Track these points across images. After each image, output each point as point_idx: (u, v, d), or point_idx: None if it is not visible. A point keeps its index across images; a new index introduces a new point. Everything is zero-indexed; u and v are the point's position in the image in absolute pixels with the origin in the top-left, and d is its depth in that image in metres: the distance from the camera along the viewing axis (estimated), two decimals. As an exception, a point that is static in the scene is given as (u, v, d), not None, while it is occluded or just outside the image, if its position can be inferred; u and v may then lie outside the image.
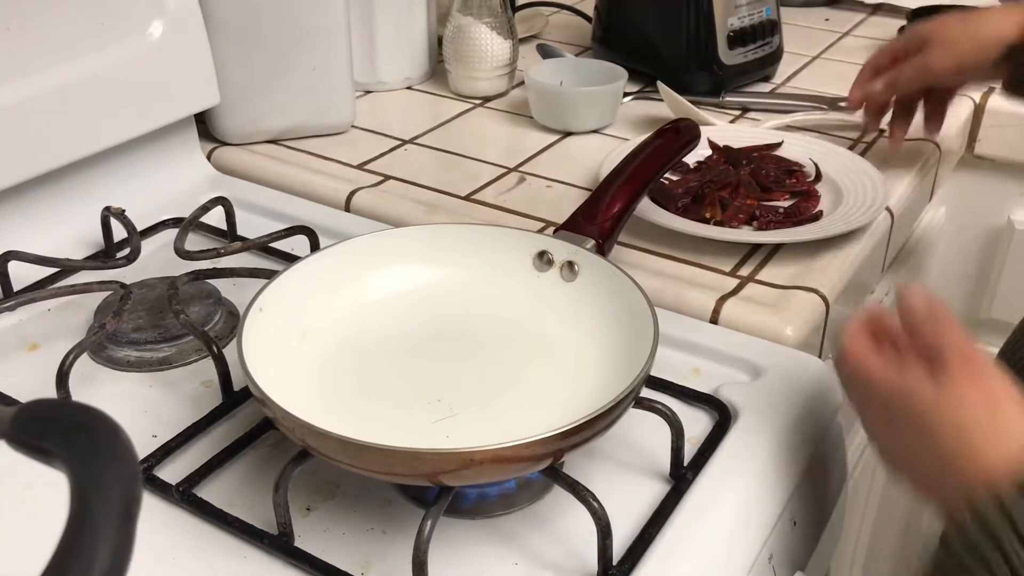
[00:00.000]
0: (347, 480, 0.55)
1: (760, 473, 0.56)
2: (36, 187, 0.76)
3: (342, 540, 0.52)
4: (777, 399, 0.61)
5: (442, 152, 0.94)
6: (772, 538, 0.55)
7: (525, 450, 0.46)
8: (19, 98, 0.72)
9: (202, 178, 0.88)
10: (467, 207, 0.84)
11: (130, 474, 0.26)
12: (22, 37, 0.72)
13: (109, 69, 0.77)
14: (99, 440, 0.26)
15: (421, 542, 0.46)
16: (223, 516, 0.52)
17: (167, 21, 0.81)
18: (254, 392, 0.50)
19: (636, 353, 0.54)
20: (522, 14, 1.24)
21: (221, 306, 0.69)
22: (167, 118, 0.83)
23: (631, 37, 1.07)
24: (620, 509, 0.52)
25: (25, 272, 0.71)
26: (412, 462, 0.46)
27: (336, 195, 0.85)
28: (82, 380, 0.62)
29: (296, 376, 0.56)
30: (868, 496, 1.06)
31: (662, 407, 0.55)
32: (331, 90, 0.93)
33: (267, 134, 0.94)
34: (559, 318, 0.62)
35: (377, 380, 0.58)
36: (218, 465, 0.56)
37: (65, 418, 0.27)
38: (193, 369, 0.64)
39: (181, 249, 0.70)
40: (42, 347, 0.67)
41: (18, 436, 0.27)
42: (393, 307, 0.62)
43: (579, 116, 0.96)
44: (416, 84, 1.09)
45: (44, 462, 0.27)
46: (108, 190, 0.81)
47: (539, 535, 0.52)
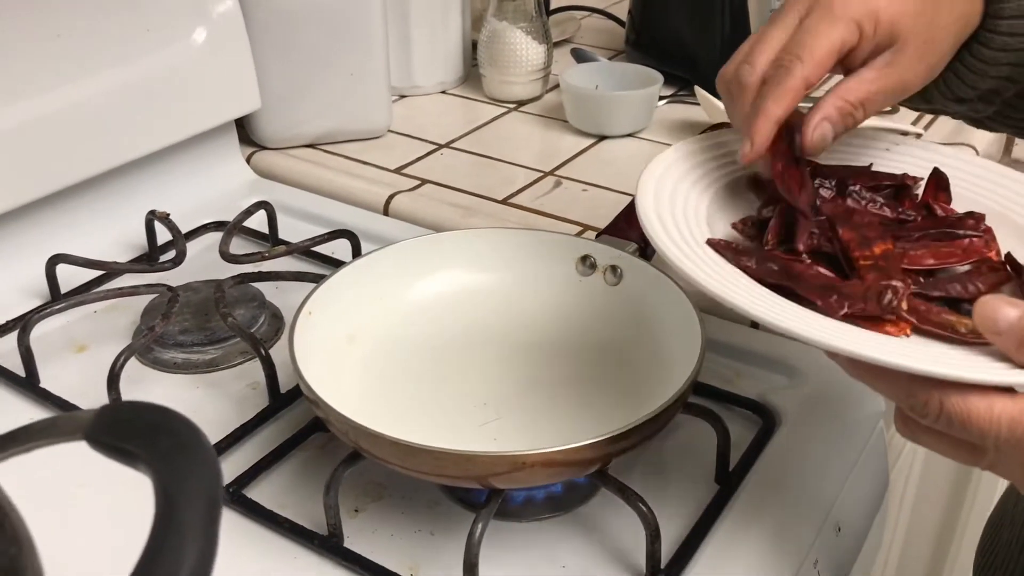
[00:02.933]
0: (394, 482, 0.55)
1: (805, 478, 0.56)
2: (82, 191, 0.77)
3: (391, 541, 0.52)
4: (821, 404, 0.61)
5: (478, 156, 0.95)
6: (817, 543, 0.55)
7: (575, 454, 0.47)
8: (67, 104, 0.73)
9: (242, 182, 0.89)
10: (504, 211, 0.84)
11: (213, 476, 0.26)
12: (71, 44, 0.73)
13: (154, 75, 0.78)
14: (182, 442, 0.27)
15: (472, 543, 0.47)
16: (274, 517, 0.53)
17: (210, 28, 0.82)
18: (306, 393, 0.51)
19: (681, 358, 0.54)
20: (555, 18, 1.24)
21: (265, 309, 0.69)
22: (210, 123, 0.84)
23: (665, 41, 1.08)
24: (666, 513, 0.53)
25: (73, 275, 0.72)
26: (464, 464, 0.47)
27: (375, 199, 0.86)
28: (130, 382, 0.63)
29: (344, 378, 0.57)
30: (901, 503, 1.06)
31: (710, 412, 0.55)
32: (368, 95, 0.94)
33: (305, 138, 0.94)
34: (603, 323, 0.62)
35: (423, 383, 0.59)
36: (267, 467, 0.56)
37: (146, 420, 0.28)
38: (239, 371, 0.65)
39: (226, 252, 0.71)
40: (89, 348, 0.68)
41: (100, 438, 0.28)
42: (438, 311, 0.63)
43: (614, 120, 0.96)
44: (451, 88, 1.09)
45: (126, 463, 0.28)
46: (151, 194, 0.82)
47: (586, 538, 0.53)
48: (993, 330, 0.38)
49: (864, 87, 0.48)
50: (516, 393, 0.58)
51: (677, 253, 0.44)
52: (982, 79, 0.51)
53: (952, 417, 0.38)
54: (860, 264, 0.45)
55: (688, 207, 0.49)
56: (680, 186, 0.50)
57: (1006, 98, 0.52)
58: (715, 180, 0.53)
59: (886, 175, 0.53)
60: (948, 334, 0.42)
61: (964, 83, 0.51)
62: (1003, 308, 0.38)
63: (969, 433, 0.38)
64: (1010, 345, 0.38)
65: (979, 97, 0.52)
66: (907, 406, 0.39)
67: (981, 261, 0.47)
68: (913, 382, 0.38)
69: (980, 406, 0.37)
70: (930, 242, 0.48)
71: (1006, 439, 0.37)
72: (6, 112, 0.70)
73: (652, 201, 0.47)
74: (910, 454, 0.96)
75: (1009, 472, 0.40)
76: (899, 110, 0.99)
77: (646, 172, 0.50)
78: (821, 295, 0.43)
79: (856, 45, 0.47)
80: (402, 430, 0.48)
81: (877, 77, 0.48)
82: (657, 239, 0.44)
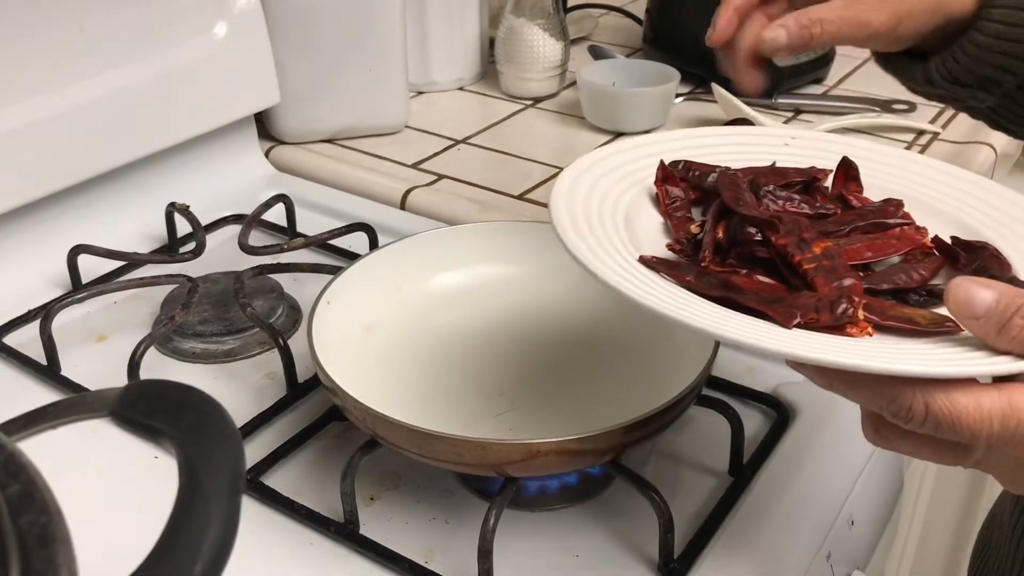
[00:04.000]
0: (409, 470, 0.56)
1: (818, 472, 0.57)
2: (104, 183, 0.78)
3: (406, 529, 0.53)
4: (835, 399, 0.61)
5: (494, 152, 0.95)
6: (830, 536, 0.55)
7: (590, 443, 0.47)
8: (89, 97, 0.74)
9: (261, 176, 0.90)
10: (520, 206, 0.85)
11: (236, 450, 0.27)
12: (93, 37, 0.74)
13: (175, 69, 0.79)
14: (204, 418, 0.28)
15: (487, 531, 0.47)
16: (291, 504, 0.53)
17: (231, 22, 0.82)
18: (324, 382, 0.51)
19: (696, 350, 0.54)
20: (572, 15, 1.25)
21: (283, 300, 0.70)
22: (230, 117, 0.85)
23: (682, 38, 1.08)
24: (680, 504, 0.53)
25: (94, 265, 0.73)
26: (480, 452, 0.47)
27: (392, 193, 0.87)
28: (149, 371, 0.64)
29: (361, 368, 0.57)
30: (917, 498, 1.06)
31: (724, 405, 0.55)
32: (386, 91, 0.94)
33: (323, 133, 0.95)
34: (616, 316, 0.62)
35: (438, 373, 0.59)
36: (284, 455, 0.57)
37: (170, 397, 0.29)
38: (257, 361, 0.66)
39: (245, 244, 0.72)
40: (110, 338, 0.69)
41: (126, 414, 0.29)
42: (453, 303, 0.64)
43: (631, 117, 0.96)
44: (468, 85, 1.10)
45: (150, 439, 0.29)
46: (171, 186, 0.83)
47: (599, 528, 0.53)
48: (970, 315, 0.36)
49: (823, 10, 0.49)
50: (531, 383, 0.58)
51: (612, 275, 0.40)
52: (978, 64, 0.51)
53: (940, 419, 0.35)
54: (804, 269, 0.43)
55: (606, 224, 0.46)
56: (591, 202, 0.47)
57: (1007, 90, 0.52)
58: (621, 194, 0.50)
59: (794, 171, 0.52)
60: (909, 327, 0.39)
61: (960, 65, 0.51)
62: (978, 291, 0.35)
63: (958, 434, 0.35)
64: (990, 330, 0.35)
65: (978, 84, 0.52)
66: (889, 413, 0.36)
67: (915, 249, 0.46)
68: (892, 385, 0.35)
69: (968, 404, 0.35)
70: (861, 235, 0.47)
71: (999, 435, 0.35)
72: (30, 105, 0.71)
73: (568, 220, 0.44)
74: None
75: (1000, 469, 0.38)
76: (916, 108, 0.99)
77: (553, 194, 0.47)
78: (770, 307, 0.40)
79: None
80: (418, 419, 0.48)
81: (841, 6, 0.49)
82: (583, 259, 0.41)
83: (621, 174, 0.51)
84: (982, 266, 0.44)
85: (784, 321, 0.39)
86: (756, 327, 0.39)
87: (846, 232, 0.47)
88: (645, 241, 0.47)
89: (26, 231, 0.74)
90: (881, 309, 0.40)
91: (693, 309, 0.39)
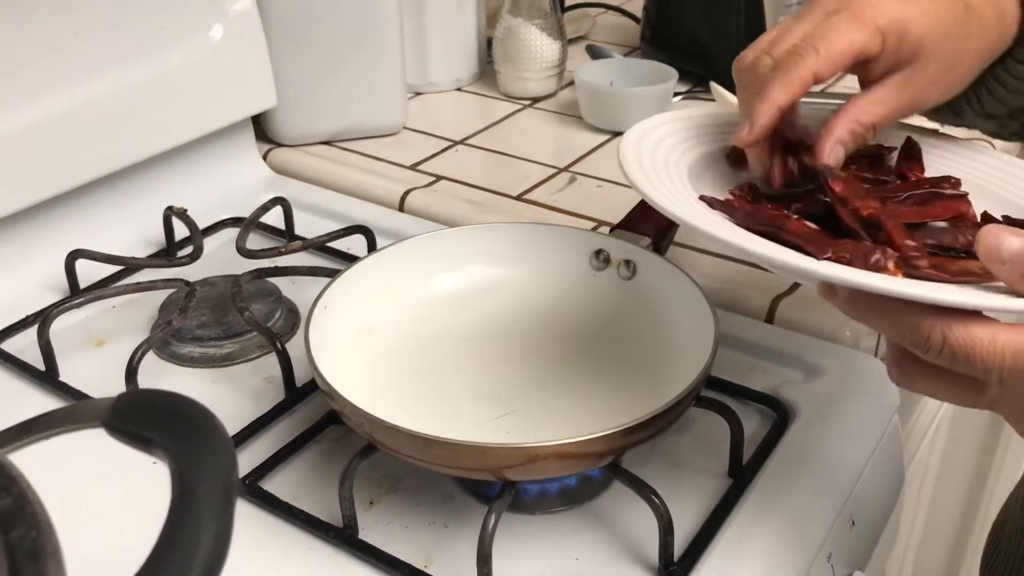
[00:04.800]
0: (408, 474, 0.56)
1: (818, 473, 0.56)
2: (101, 187, 0.78)
3: (405, 533, 0.53)
4: (835, 399, 0.61)
5: (493, 152, 0.95)
6: (831, 537, 0.55)
7: (589, 446, 0.47)
8: (85, 100, 0.74)
9: (258, 178, 0.90)
10: (519, 207, 0.85)
11: (228, 460, 0.27)
12: (89, 41, 0.74)
13: (171, 72, 0.79)
14: (197, 427, 0.27)
15: (486, 536, 0.47)
16: (289, 509, 0.53)
17: (227, 24, 0.82)
18: (321, 386, 0.51)
19: (695, 351, 0.54)
20: (570, 15, 1.25)
21: (282, 304, 0.70)
22: (227, 119, 0.85)
23: (680, 37, 1.08)
24: (680, 506, 0.53)
25: (91, 270, 0.73)
26: (478, 456, 0.47)
27: (390, 195, 0.86)
28: (148, 376, 0.64)
29: (359, 372, 0.57)
30: (919, 497, 1.05)
31: (723, 406, 0.55)
32: (383, 92, 0.94)
33: (321, 135, 0.95)
34: (616, 317, 0.62)
35: (437, 377, 0.59)
36: (283, 459, 0.57)
37: (162, 407, 0.28)
38: (255, 365, 0.66)
39: (243, 248, 0.72)
40: (108, 343, 0.69)
41: (118, 424, 0.29)
42: (452, 305, 0.63)
43: (629, 116, 0.96)
44: (466, 85, 1.10)
45: (142, 449, 0.28)
46: (168, 190, 0.83)
47: (599, 531, 0.53)
48: (997, 259, 0.37)
49: (877, 109, 0.48)
50: (530, 386, 0.58)
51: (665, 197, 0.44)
52: (1015, 97, 0.50)
53: (956, 349, 0.37)
54: (864, 213, 0.45)
55: (669, 167, 0.49)
56: (658, 150, 0.51)
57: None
58: (691, 148, 0.53)
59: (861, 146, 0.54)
60: (939, 275, 0.40)
61: (995, 99, 0.51)
62: (1007, 237, 0.37)
63: (972, 366, 0.37)
64: (1015, 275, 0.37)
65: (1009, 114, 0.52)
66: (909, 341, 0.38)
67: (960, 217, 0.48)
68: (915, 313, 0.37)
69: (984, 336, 0.36)
70: (913, 204, 0.49)
71: (1010, 369, 0.36)
72: (26, 108, 0.71)
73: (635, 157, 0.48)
74: (928, 449, 0.96)
75: (1010, 407, 0.39)
76: (915, 106, 0.99)
77: (627, 134, 0.50)
78: (807, 242, 0.42)
79: (877, 55, 0.46)
80: (416, 423, 0.48)
81: (890, 97, 0.47)
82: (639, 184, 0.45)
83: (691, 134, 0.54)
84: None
85: (817, 252, 0.41)
86: (788, 251, 0.41)
87: (902, 199, 0.49)
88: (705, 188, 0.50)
89: (23, 236, 0.74)
90: (915, 259, 0.42)
91: (729, 229, 0.42)
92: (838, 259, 0.41)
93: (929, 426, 0.89)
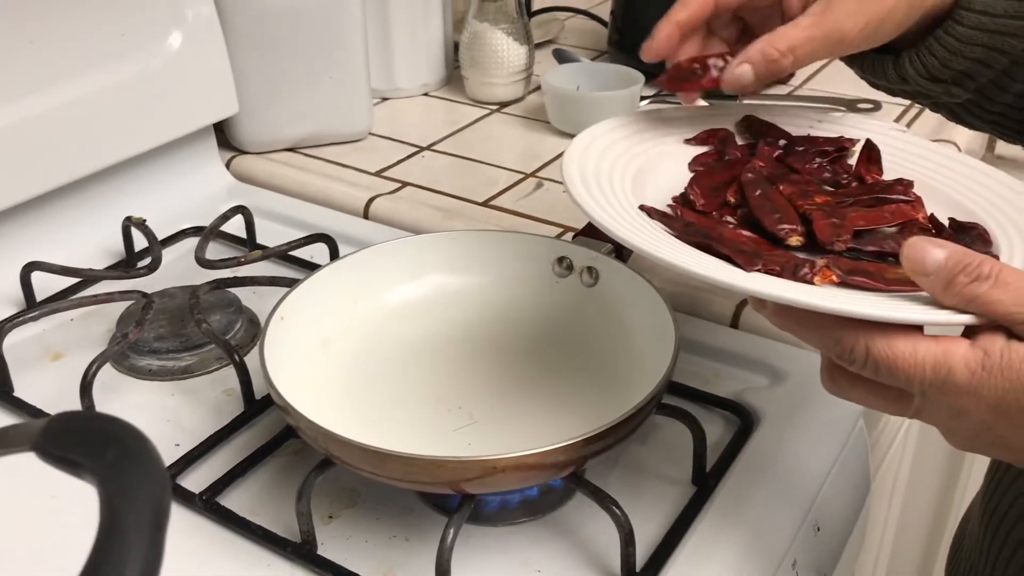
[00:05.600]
0: (368, 488, 0.55)
1: (783, 479, 0.56)
2: (57, 198, 0.77)
3: (365, 548, 0.52)
4: (799, 404, 0.61)
5: (459, 158, 0.94)
6: (795, 544, 0.54)
7: (548, 457, 0.46)
8: (40, 110, 0.72)
9: (221, 187, 0.88)
10: (485, 213, 0.84)
11: (159, 485, 0.26)
12: (43, 50, 0.72)
13: (129, 80, 0.78)
14: (128, 452, 0.26)
15: (444, 550, 0.46)
16: (246, 524, 0.52)
17: (186, 31, 0.81)
18: (276, 400, 0.50)
19: (657, 358, 0.53)
20: (538, 19, 1.24)
21: (242, 314, 0.69)
22: (187, 128, 0.83)
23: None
24: (642, 515, 0.52)
25: (48, 282, 0.72)
26: (435, 470, 0.46)
27: (354, 202, 0.86)
28: (105, 389, 0.63)
29: (318, 384, 0.56)
30: (891, 501, 1.06)
31: (685, 413, 0.54)
32: (348, 98, 0.93)
33: (285, 142, 0.94)
34: (579, 324, 0.62)
35: (398, 388, 0.58)
36: (241, 473, 0.56)
37: (94, 430, 0.28)
38: (215, 377, 0.65)
39: (202, 258, 0.71)
40: (65, 356, 0.67)
41: (48, 448, 0.28)
42: (413, 314, 0.63)
43: (596, 120, 0.94)
44: (432, 90, 1.09)
45: (73, 474, 0.27)
46: (128, 200, 0.81)
47: (561, 542, 0.52)
48: (921, 271, 0.38)
49: (794, 33, 0.47)
50: (492, 396, 0.57)
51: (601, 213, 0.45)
52: (955, 58, 0.50)
53: (879, 362, 0.38)
54: (805, 210, 0.46)
55: (614, 179, 0.50)
56: (603, 161, 0.52)
57: (981, 84, 0.51)
58: (636, 155, 0.54)
59: (824, 139, 0.55)
60: (871, 283, 0.41)
61: (937, 60, 0.50)
62: (931, 249, 0.37)
63: (895, 378, 0.38)
64: (937, 286, 0.37)
65: (953, 79, 0.51)
66: (834, 353, 0.39)
67: (909, 223, 0.48)
68: (839, 327, 0.38)
69: (905, 349, 0.37)
70: (862, 208, 0.49)
71: (931, 382, 0.37)
72: (-21, 119, 0.69)
73: (578, 173, 0.49)
74: (898, 454, 0.96)
75: (936, 416, 0.40)
76: (881, 107, 0.99)
77: (569, 149, 0.51)
78: (738, 254, 0.43)
79: None
80: (377, 435, 0.47)
81: (811, 24, 0.47)
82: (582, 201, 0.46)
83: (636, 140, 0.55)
84: (968, 244, 0.46)
85: (746, 265, 0.42)
86: (718, 264, 0.42)
87: (850, 203, 0.50)
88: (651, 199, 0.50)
89: (-23, 248, 0.72)
90: (849, 267, 0.42)
91: (661, 244, 0.43)
92: (768, 271, 0.42)
93: (898, 431, 0.89)
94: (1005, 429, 0.38)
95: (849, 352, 0.38)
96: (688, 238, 0.45)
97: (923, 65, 0.51)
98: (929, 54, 0.50)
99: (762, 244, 0.45)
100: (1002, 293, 0.36)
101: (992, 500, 0.60)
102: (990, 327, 0.37)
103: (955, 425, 0.39)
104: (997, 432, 0.38)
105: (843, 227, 0.46)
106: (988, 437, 0.39)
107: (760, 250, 0.44)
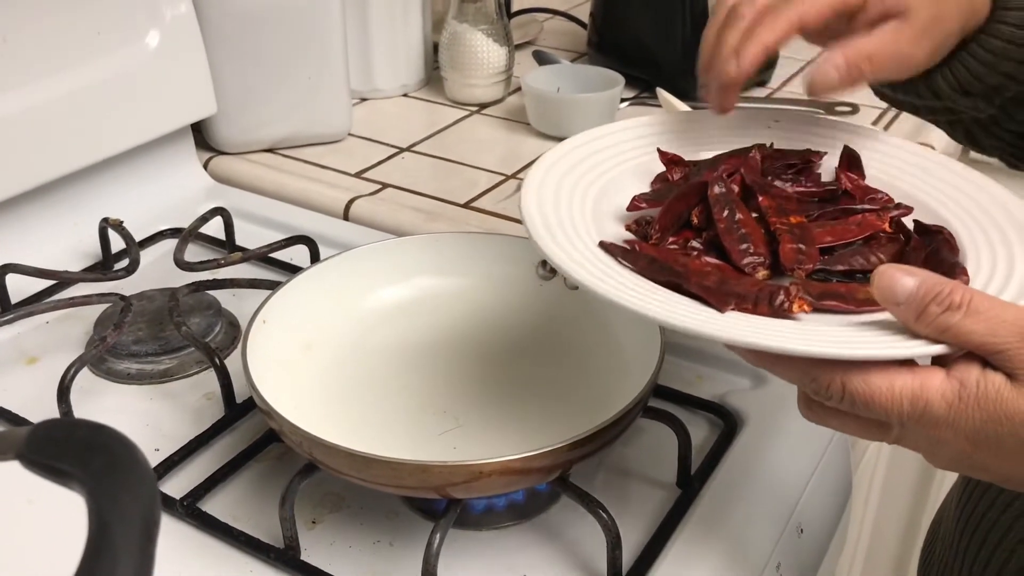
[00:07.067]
0: (353, 492, 0.55)
1: (767, 481, 0.56)
2: (33, 199, 0.75)
3: (349, 553, 0.51)
4: (781, 406, 0.61)
5: (439, 159, 0.94)
6: (780, 546, 0.55)
7: (534, 462, 0.46)
8: (16, 109, 0.71)
9: (199, 188, 0.88)
10: (465, 214, 0.84)
11: (149, 495, 0.25)
12: (19, 49, 0.71)
13: (106, 80, 0.77)
14: (116, 461, 0.26)
15: (430, 555, 0.46)
16: (228, 530, 0.52)
17: (164, 31, 0.80)
18: (260, 405, 0.50)
19: (642, 361, 0.53)
20: (517, 20, 1.24)
21: (221, 317, 0.68)
22: (164, 128, 0.83)
23: (627, 43, 1.07)
24: (628, 518, 0.52)
25: (23, 284, 0.71)
26: (420, 475, 0.46)
27: (334, 204, 0.85)
28: (83, 394, 0.62)
29: (301, 388, 0.56)
30: (867, 501, 1.06)
31: (670, 416, 0.54)
32: (327, 98, 0.93)
33: (264, 143, 0.93)
34: (563, 327, 0.61)
35: (382, 391, 0.58)
36: (222, 478, 0.55)
37: (81, 438, 0.27)
38: (194, 381, 0.64)
39: (181, 260, 0.70)
40: (41, 360, 0.66)
41: (33, 457, 0.27)
42: (397, 317, 0.62)
43: (576, 122, 0.95)
44: (412, 91, 1.09)
45: (59, 483, 0.27)
46: (105, 201, 0.80)
47: (548, 546, 0.52)
48: (892, 300, 0.38)
49: (873, 42, 0.47)
50: (477, 400, 0.57)
51: (564, 257, 0.43)
52: (990, 72, 0.51)
53: (855, 398, 0.38)
54: (776, 228, 0.46)
55: (573, 206, 0.49)
56: (563, 186, 0.50)
57: (1006, 98, 0.52)
58: (598, 176, 0.52)
59: (792, 152, 0.54)
60: (843, 307, 0.42)
61: (971, 75, 0.51)
62: (901, 278, 0.37)
63: (873, 412, 0.38)
64: (909, 316, 0.37)
65: (983, 93, 0.52)
66: (810, 390, 0.39)
67: (877, 233, 0.48)
68: (814, 366, 0.38)
69: (881, 385, 0.37)
70: (827, 222, 0.49)
71: (908, 415, 0.37)
72: (-48, 119, 0.68)
73: (536, 206, 0.47)
74: (874, 455, 0.96)
75: (915, 444, 0.40)
76: (859, 110, 1.00)
77: (526, 181, 0.49)
78: (709, 292, 0.42)
79: (863, 6, 0.47)
80: (361, 440, 0.47)
81: (884, 41, 0.47)
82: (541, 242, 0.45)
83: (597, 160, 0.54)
84: (935, 249, 0.46)
85: (719, 306, 0.41)
86: (689, 309, 0.41)
87: (815, 217, 0.49)
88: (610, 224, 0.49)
89: (-49, 250, 0.71)
90: (821, 291, 0.42)
91: (629, 290, 0.42)
92: (741, 309, 0.41)
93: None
94: (984, 457, 0.38)
95: (826, 389, 0.38)
96: (656, 277, 0.43)
97: (955, 79, 0.52)
98: (964, 68, 0.51)
99: (727, 271, 0.44)
100: (974, 323, 0.36)
101: (969, 503, 0.60)
102: (965, 356, 0.37)
103: (935, 451, 0.40)
104: (976, 460, 0.38)
105: (807, 254, 0.45)
106: (968, 463, 0.39)
107: (727, 278, 0.43)
